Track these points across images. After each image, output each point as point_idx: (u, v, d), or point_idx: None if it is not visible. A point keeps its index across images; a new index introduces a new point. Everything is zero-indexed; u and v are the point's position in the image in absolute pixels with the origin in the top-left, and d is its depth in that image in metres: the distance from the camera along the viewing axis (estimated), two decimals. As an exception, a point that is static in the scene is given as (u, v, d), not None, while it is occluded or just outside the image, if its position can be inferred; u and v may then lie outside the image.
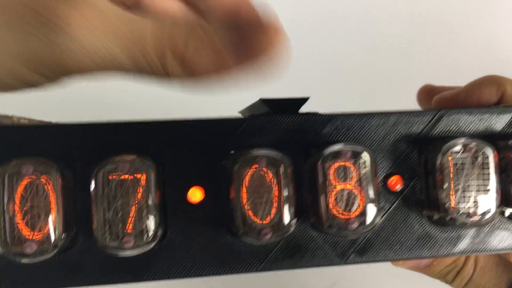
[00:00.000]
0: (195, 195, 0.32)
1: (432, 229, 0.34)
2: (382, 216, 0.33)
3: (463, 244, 0.34)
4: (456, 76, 0.47)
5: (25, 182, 0.29)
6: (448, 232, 0.34)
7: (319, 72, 0.63)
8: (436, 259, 0.41)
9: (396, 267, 0.42)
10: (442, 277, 0.42)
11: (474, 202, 0.31)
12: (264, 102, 0.36)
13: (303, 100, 0.37)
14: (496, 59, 0.62)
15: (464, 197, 0.31)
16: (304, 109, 0.35)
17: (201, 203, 0.32)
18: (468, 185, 0.31)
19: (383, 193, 0.33)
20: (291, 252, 0.33)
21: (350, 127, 0.33)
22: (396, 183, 0.33)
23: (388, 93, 0.60)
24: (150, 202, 0.30)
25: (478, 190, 0.31)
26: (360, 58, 0.63)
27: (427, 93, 0.50)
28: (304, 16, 0.64)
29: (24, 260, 0.29)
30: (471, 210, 0.31)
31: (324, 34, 0.64)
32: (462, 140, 0.31)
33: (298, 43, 0.64)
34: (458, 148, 0.31)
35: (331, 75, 0.62)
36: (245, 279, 0.58)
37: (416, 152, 0.33)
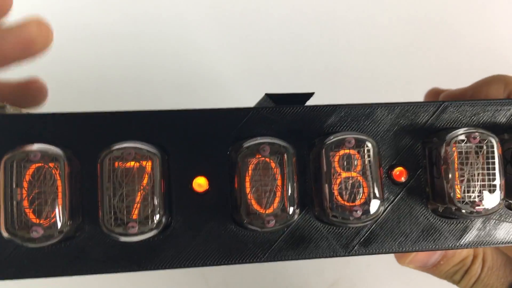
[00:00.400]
0: (200, 184, 0.32)
1: (437, 221, 0.33)
2: (387, 208, 0.33)
3: (468, 237, 0.34)
4: (456, 77, 0.48)
5: (33, 168, 0.30)
6: (453, 225, 0.33)
7: (320, 72, 0.63)
8: (443, 258, 0.41)
9: (402, 267, 0.42)
10: (449, 277, 0.42)
11: (479, 191, 0.31)
12: (269, 97, 0.37)
13: (309, 95, 0.37)
14: (497, 60, 0.62)
15: (469, 187, 0.31)
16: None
17: (205, 192, 0.32)
18: (473, 175, 0.31)
19: (388, 184, 0.33)
20: (295, 243, 0.33)
21: (355, 118, 0.33)
22: (400, 174, 0.33)
23: (389, 93, 0.61)
24: (155, 189, 0.30)
25: (483, 180, 0.31)
26: (360, 58, 0.63)
27: (434, 96, 0.51)
28: (307, 14, 0.65)
29: (30, 245, 0.29)
30: (476, 200, 0.31)
31: (325, 34, 0.64)
32: (465, 130, 0.31)
33: (301, 42, 0.65)
34: (462, 137, 0.31)
35: (331, 76, 0.63)
36: (245, 278, 0.58)
37: (420, 144, 0.33)
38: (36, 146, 0.30)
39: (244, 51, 0.65)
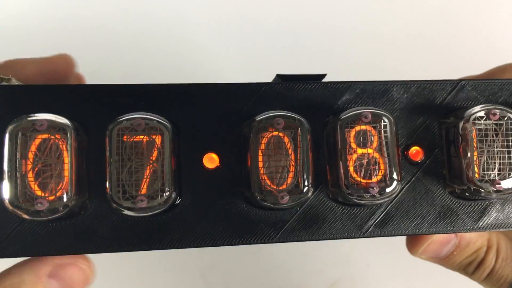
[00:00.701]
0: (211, 159, 0.31)
1: (455, 203, 0.32)
2: (403, 188, 0.32)
3: (487, 219, 0.33)
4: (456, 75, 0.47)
5: (39, 139, 0.28)
6: (471, 207, 0.33)
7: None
8: (457, 249, 0.40)
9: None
10: (462, 269, 0.41)
11: (499, 169, 0.30)
12: (280, 77, 0.36)
13: (320, 77, 0.36)
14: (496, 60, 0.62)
15: (488, 165, 0.30)
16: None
17: (216, 169, 0.31)
18: (492, 153, 0.30)
19: (404, 164, 0.32)
20: (309, 223, 0.31)
21: (370, 95, 0.32)
22: (416, 154, 0.32)
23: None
24: (165, 163, 0.29)
25: (502, 158, 0.30)
26: (359, 58, 0.63)
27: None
28: (308, 14, 0.65)
29: (35, 218, 0.28)
30: (496, 178, 0.30)
31: (327, 34, 0.64)
32: (484, 106, 0.31)
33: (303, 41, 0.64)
34: (481, 114, 0.30)
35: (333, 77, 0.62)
36: (245, 278, 0.57)
37: (436, 123, 0.33)
38: (42, 115, 0.28)
39: (244, 51, 0.64)
